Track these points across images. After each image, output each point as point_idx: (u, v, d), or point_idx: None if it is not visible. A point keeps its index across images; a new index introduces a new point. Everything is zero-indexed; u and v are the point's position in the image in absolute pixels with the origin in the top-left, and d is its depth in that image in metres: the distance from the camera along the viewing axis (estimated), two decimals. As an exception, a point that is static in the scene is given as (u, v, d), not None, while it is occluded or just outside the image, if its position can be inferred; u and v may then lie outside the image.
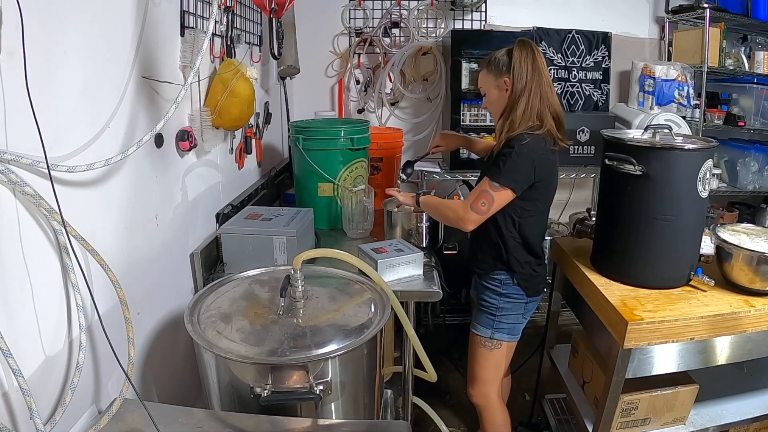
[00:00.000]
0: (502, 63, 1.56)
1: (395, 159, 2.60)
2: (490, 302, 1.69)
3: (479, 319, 1.73)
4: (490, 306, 1.69)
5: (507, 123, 1.56)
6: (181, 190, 1.62)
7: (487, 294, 1.70)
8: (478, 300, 1.75)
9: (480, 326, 1.72)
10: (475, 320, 1.74)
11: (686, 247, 1.59)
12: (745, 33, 3.01)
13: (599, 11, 3.05)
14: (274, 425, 1.10)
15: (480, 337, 1.72)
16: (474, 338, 1.75)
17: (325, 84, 3.16)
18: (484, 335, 1.71)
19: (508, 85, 1.55)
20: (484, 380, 1.77)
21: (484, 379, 1.77)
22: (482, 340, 1.72)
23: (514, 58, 1.53)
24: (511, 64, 1.54)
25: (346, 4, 3.03)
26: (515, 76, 1.53)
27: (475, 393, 1.80)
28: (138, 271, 1.36)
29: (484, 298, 1.70)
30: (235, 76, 1.70)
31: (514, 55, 1.53)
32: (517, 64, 1.52)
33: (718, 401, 1.82)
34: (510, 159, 1.50)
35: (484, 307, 1.71)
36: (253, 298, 1.34)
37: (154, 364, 1.46)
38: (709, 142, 1.56)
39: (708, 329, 1.46)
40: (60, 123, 1.04)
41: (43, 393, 1.02)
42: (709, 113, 2.88)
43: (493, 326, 1.70)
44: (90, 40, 1.12)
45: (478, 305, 1.75)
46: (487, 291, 1.70)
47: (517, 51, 1.53)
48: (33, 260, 0.98)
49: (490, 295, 1.69)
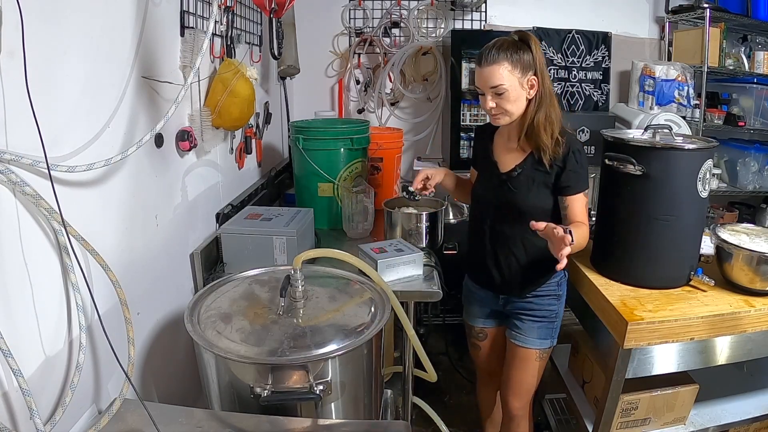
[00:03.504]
0: (526, 60, 1.42)
1: (395, 159, 2.60)
2: (550, 310, 1.60)
3: (533, 332, 1.60)
4: (549, 314, 1.60)
5: (546, 124, 1.45)
6: (181, 190, 1.62)
7: (545, 303, 1.59)
8: (530, 314, 1.60)
9: (537, 339, 1.61)
10: (527, 335, 1.61)
11: (686, 247, 1.59)
12: (745, 33, 3.01)
13: (599, 11, 3.05)
14: (274, 425, 1.10)
15: (537, 351, 1.62)
16: (528, 353, 1.62)
17: (325, 84, 3.16)
18: (543, 347, 1.62)
19: (535, 84, 1.44)
20: (530, 391, 1.70)
21: (531, 389, 1.69)
22: (540, 353, 1.62)
23: (535, 55, 1.42)
24: (535, 61, 1.42)
25: (346, 4, 3.03)
26: (544, 74, 1.44)
27: (521, 405, 1.71)
28: (138, 271, 1.36)
29: (542, 308, 1.59)
30: (235, 76, 1.70)
31: (534, 51, 1.42)
32: (540, 62, 1.43)
33: (718, 401, 1.82)
34: (582, 164, 1.48)
35: (542, 318, 1.59)
36: (253, 298, 1.34)
37: (154, 364, 1.46)
38: (709, 142, 1.56)
39: (708, 329, 1.46)
40: (60, 123, 1.04)
41: (43, 393, 1.02)
42: (709, 113, 2.88)
43: (551, 335, 1.62)
44: (90, 40, 1.12)
45: (528, 320, 1.61)
46: (545, 300, 1.59)
47: (534, 46, 1.42)
48: (33, 260, 0.98)
49: (550, 302, 1.59)
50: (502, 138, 1.60)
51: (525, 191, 1.53)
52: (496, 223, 1.59)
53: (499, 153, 1.60)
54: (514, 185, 1.54)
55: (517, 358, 1.65)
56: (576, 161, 1.47)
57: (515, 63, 1.41)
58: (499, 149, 1.61)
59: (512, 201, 1.54)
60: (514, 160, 1.55)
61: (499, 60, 1.40)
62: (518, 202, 1.53)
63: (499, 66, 1.40)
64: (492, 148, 1.62)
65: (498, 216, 1.58)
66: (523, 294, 1.60)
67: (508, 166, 1.56)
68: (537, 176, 1.51)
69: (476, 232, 1.66)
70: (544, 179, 1.51)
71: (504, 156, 1.58)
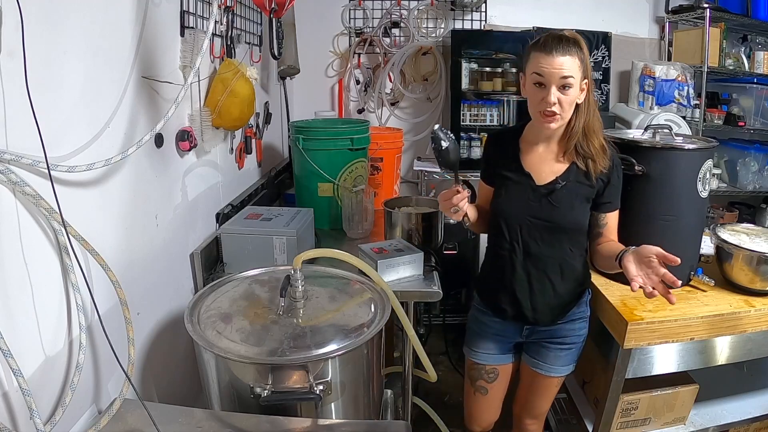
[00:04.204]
0: (586, 62, 1.29)
1: (395, 159, 2.60)
2: (579, 335, 1.48)
3: (559, 360, 1.49)
4: (579, 339, 1.49)
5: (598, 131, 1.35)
6: (181, 190, 1.62)
7: (576, 328, 1.48)
8: (559, 341, 1.48)
9: (563, 367, 1.50)
10: (553, 363, 1.49)
11: (686, 247, 1.59)
12: (745, 33, 3.01)
13: (599, 11, 3.05)
14: (274, 425, 1.10)
15: (561, 378, 1.53)
16: (550, 381, 1.52)
17: (325, 84, 3.16)
18: (567, 373, 1.52)
19: (585, 89, 1.31)
20: (546, 411, 1.64)
21: (547, 409, 1.63)
22: (561, 379, 1.54)
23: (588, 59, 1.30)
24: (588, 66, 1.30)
25: (346, 4, 3.03)
26: (591, 81, 1.32)
27: (537, 427, 1.65)
28: (138, 271, 1.36)
29: (573, 334, 1.47)
30: (235, 76, 1.70)
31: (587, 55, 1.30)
32: (589, 67, 1.30)
33: (718, 401, 1.82)
34: (621, 179, 1.40)
35: (571, 344, 1.48)
36: (253, 298, 1.34)
37: (154, 364, 1.46)
38: (709, 142, 1.56)
39: (708, 329, 1.46)
40: (60, 123, 1.04)
41: (43, 393, 1.02)
42: (709, 113, 2.88)
43: (576, 359, 1.52)
44: (90, 40, 1.12)
45: (555, 348, 1.48)
46: (576, 324, 1.47)
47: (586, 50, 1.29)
48: (33, 260, 0.98)
49: (581, 326, 1.48)
50: (532, 146, 1.41)
51: (567, 207, 1.36)
52: (530, 245, 1.39)
53: (532, 164, 1.40)
54: (555, 200, 1.36)
55: (535, 384, 1.55)
56: (617, 176, 1.38)
57: (582, 61, 1.27)
58: (532, 160, 1.40)
59: (552, 218, 1.37)
60: (553, 172, 1.37)
61: (572, 52, 1.25)
62: (558, 219, 1.36)
63: (573, 57, 1.25)
64: (521, 158, 1.41)
65: (531, 236, 1.39)
66: (554, 322, 1.46)
67: (546, 179, 1.38)
68: (580, 190, 1.36)
69: (501, 255, 1.44)
70: (587, 193, 1.37)
71: (539, 167, 1.39)
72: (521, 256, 1.41)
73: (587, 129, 1.33)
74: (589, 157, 1.34)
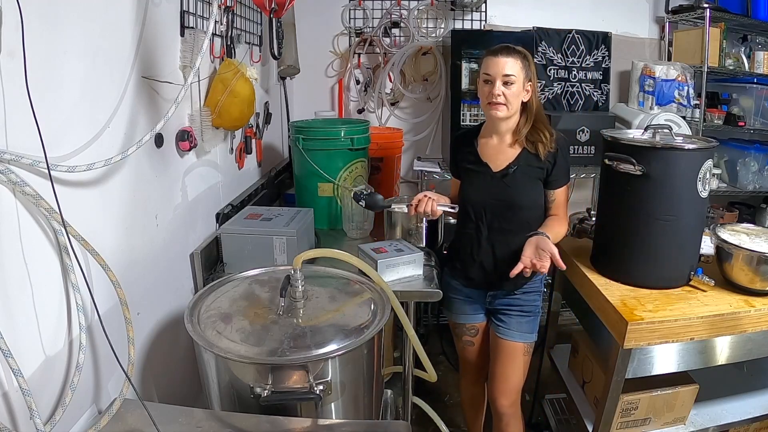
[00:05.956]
0: (529, 69, 1.58)
1: (395, 159, 2.60)
2: (535, 305, 1.69)
3: (520, 327, 1.67)
4: (535, 309, 1.69)
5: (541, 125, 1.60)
6: (181, 190, 1.62)
7: (531, 299, 1.68)
8: (517, 309, 1.68)
9: (524, 334, 1.68)
10: (514, 329, 1.68)
11: (686, 247, 1.59)
12: (745, 33, 3.01)
13: (599, 11, 3.05)
14: (274, 425, 1.10)
15: (525, 345, 1.69)
16: (516, 348, 1.68)
17: (325, 84, 3.15)
18: (529, 341, 1.69)
19: (530, 91, 1.58)
20: (518, 387, 1.73)
21: (519, 386, 1.73)
22: (526, 347, 1.69)
23: (533, 68, 1.59)
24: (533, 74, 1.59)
25: (346, 4, 3.02)
26: (535, 86, 1.60)
27: (510, 403, 1.73)
28: (138, 271, 1.36)
29: (529, 304, 1.68)
30: (235, 76, 1.70)
31: (532, 65, 1.59)
32: (534, 75, 1.60)
33: (718, 401, 1.82)
34: (567, 159, 1.63)
35: (529, 312, 1.68)
36: (253, 298, 1.34)
37: (154, 364, 1.46)
38: (709, 142, 1.56)
39: (708, 329, 1.46)
40: (60, 123, 1.04)
41: (43, 393, 1.02)
42: (709, 113, 2.87)
43: (535, 329, 1.70)
44: (90, 40, 1.12)
45: (515, 315, 1.68)
46: (531, 295, 1.68)
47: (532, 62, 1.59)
48: (33, 260, 0.98)
49: (535, 298, 1.68)
50: (487, 140, 1.66)
51: (521, 187, 1.60)
52: (494, 222, 1.63)
53: (488, 155, 1.65)
54: (510, 182, 1.60)
55: (503, 354, 1.70)
56: (563, 157, 1.61)
57: (524, 66, 1.55)
58: (488, 151, 1.65)
59: (509, 197, 1.60)
60: (506, 159, 1.62)
61: (515, 56, 1.54)
62: (515, 198, 1.60)
63: (515, 60, 1.53)
64: (478, 151, 1.66)
65: (494, 214, 1.63)
66: (514, 290, 1.67)
67: (501, 165, 1.62)
68: (531, 171, 1.60)
69: (468, 234, 1.68)
70: (537, 174, 1.60)
71: (494, 156, 1.64)
72: (486, 231, 1.65)
73: (535, 121, 1.60)
74: (538, 141, 1.58)
